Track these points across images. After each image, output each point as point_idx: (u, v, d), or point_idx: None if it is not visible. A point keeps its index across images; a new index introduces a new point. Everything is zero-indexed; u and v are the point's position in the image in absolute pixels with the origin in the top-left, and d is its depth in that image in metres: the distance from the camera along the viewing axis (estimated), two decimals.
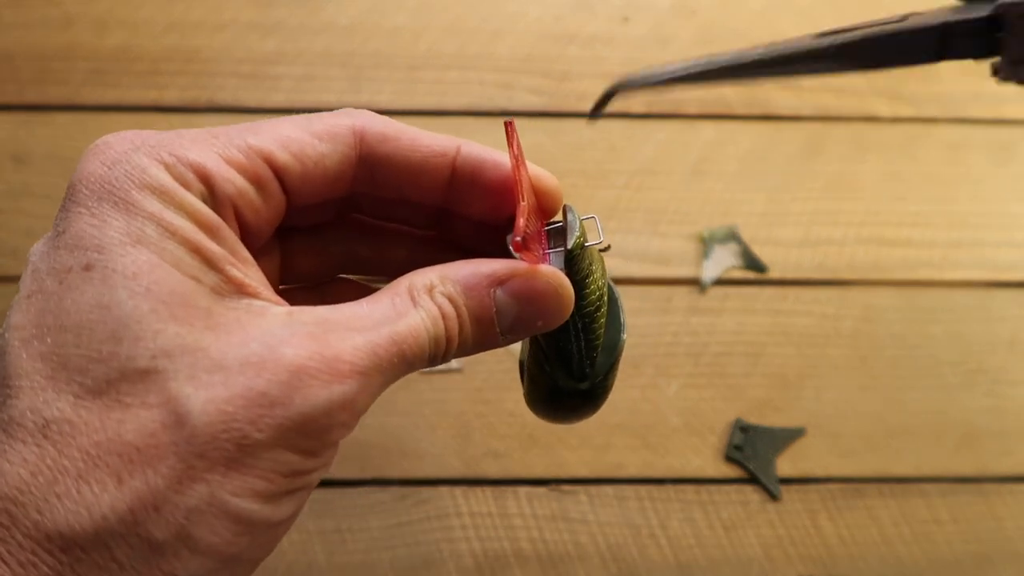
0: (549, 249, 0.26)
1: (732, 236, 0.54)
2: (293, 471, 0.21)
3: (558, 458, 0.49)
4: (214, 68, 0.57)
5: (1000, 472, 0.50)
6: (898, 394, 0.51)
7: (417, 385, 0.50)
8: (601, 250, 0.28)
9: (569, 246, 0.25)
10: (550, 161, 0.54)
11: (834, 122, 0.57)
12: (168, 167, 0.21)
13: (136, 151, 0.22)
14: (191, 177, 0.21)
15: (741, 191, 0.55)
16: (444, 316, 0.23)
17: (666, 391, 0.51)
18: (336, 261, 0.28)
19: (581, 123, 0.57)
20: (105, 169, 0.21)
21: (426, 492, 0.48)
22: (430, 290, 0.23)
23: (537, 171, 0.26)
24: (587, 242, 0.26)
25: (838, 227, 0.55)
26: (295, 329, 0.21)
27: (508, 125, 0.24)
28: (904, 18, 0.25)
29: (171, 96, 0.56)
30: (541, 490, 0.49)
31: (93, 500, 0.19)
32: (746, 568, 0.47)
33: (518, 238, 0.22)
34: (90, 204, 0.21)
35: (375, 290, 0.28)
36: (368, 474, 0.48)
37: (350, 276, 0.29)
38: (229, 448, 0.20)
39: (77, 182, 0.22)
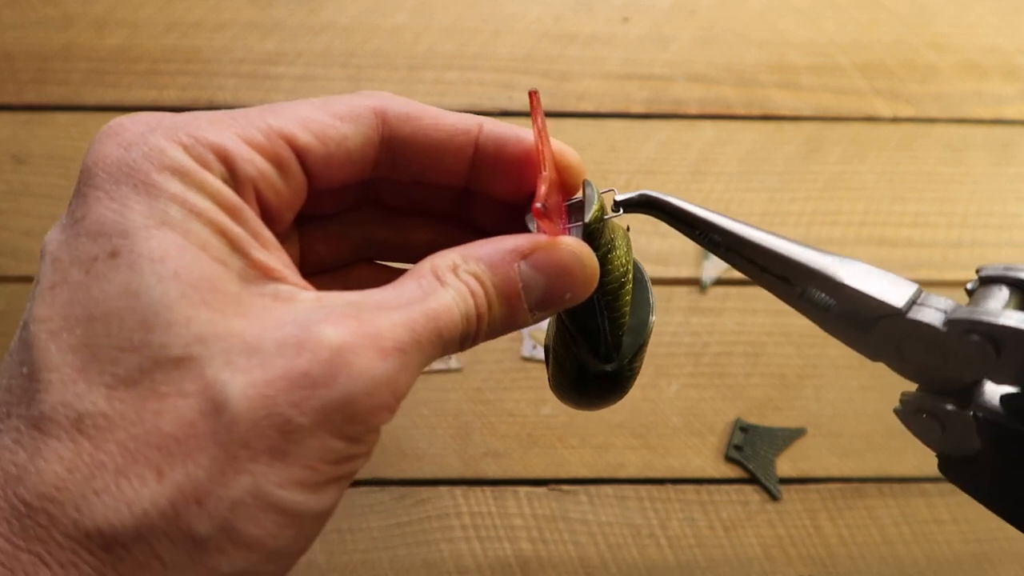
0: (570, 224, 0.25)
1: None
2: (337, 458, 0.20)
3: (558, 458, 0.49)
4: (214, 68, 0.57)
5: None
6: (898, 394, 0.51)
7: (416, 385, 0.50)
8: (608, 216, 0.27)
9: (587, 219, 0.25)
10: None
11: (834, 122, 0.57)
12: (187, 148, 0.20)
13: (153, 132, 0.21)
14: (211, 158, 0.21)
15: (741, 191, 0.55)
16: (472, 293, 0.22)
17: (666, 391, 0.51)
18: (355, 246, 0.28)
19: (581, 123, 0.57)
20: (122, 151, 0.20)
21: (426, 492, 0.48)
22: (454, 269, 0.22)
23: (559, 146, 0.25)
24: (606, 215, 0.25)
25: (838, 227, 0.55)
26: (329, 310, 0.20)
27: (533, 95, 0.24)
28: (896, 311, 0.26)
29: (171, 96, 0.56)
30: (541, 490, 0.49)
31: (133, 495, 0.18)
32: (746, 568, 0.47)
33: (539, 204, 0.22)
34: (108, 187, 0.20)
35: (397, 273, 0.28)
36: (367, 474, 0.48)
37: (370, 261, 0.29)
38: (272, 435, 0.19)
39: (93, 165, 0.20)
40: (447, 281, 0.22)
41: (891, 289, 0.25)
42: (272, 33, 0.58)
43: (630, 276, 0.27)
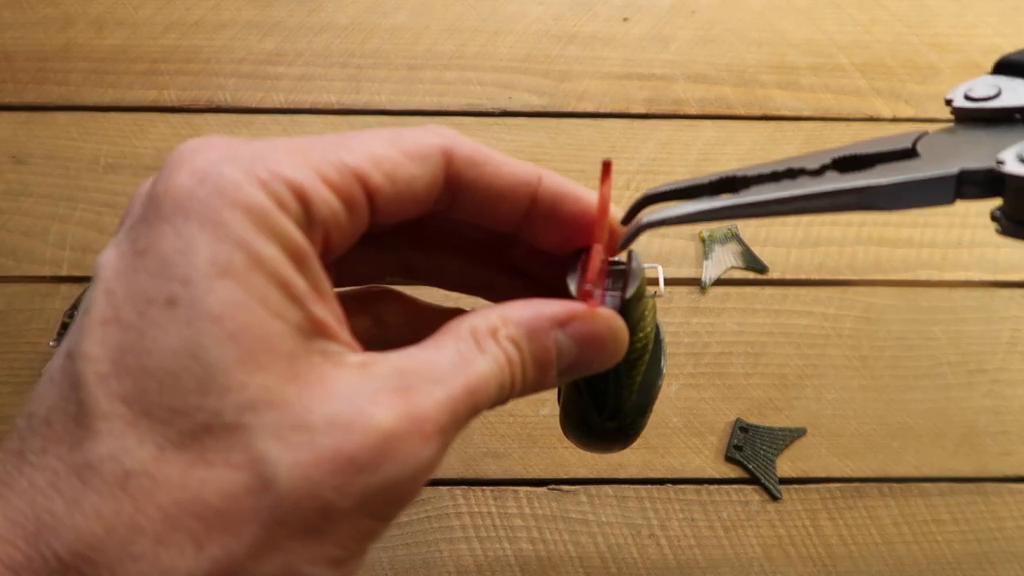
0: (608, 289, 0.25)
1: (732, 236, 0.54)
2: (367, 535, 0.20)
3: (558, 458, 0.49)
4: (214, 68, 0.57)
5: (1000, 472, 0.50)
6: (898, 394, 0.51)
7: None
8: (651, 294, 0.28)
9: (629, 295, 0.25)
10: (550, 161, 0.54)
11: (834, 122, 0.57)
12: (264, 184, 0.20)
13: (228, 163, 0.20)
14: (288, 196, 0.20)
15: None
16: (509, 362, 0.22)
17: (666, 391, 0.51)
18: (387, 267, 0.28)
19: (581, 123, 0.57)
20: (195, 182, 0.20)
21: (426, 492, 0.48)
22: (494, 333, 0.22)
23: (611, 210, 0.25)
24: (645, 292, 0.26)
25: (838, 227, 0.55)
26: (377, 384, 0.20)
27: (606, 165, 0.24)
28: (914, 145, 0.25)
29: (171, 96, 0.56)
30: (541, 490, 0.49)
31: (170, 566, 0.18)
32: (746, 568, 0.47)
33: (588, 286, 0.22)
34: (175, 221, 0.19)
35: (424, 308, 0.28)
36: None
37: (396, 288, 0.29)
38: (311, 516, 0.19)
39: (162, 194, 0.20)
40: (486, 348, 0.22)
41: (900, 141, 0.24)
42: (272, 33, 0.58)
43: (651, 347, 0.27)
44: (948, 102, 0.26)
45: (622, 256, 0.27)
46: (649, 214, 0.25)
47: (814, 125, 0.57)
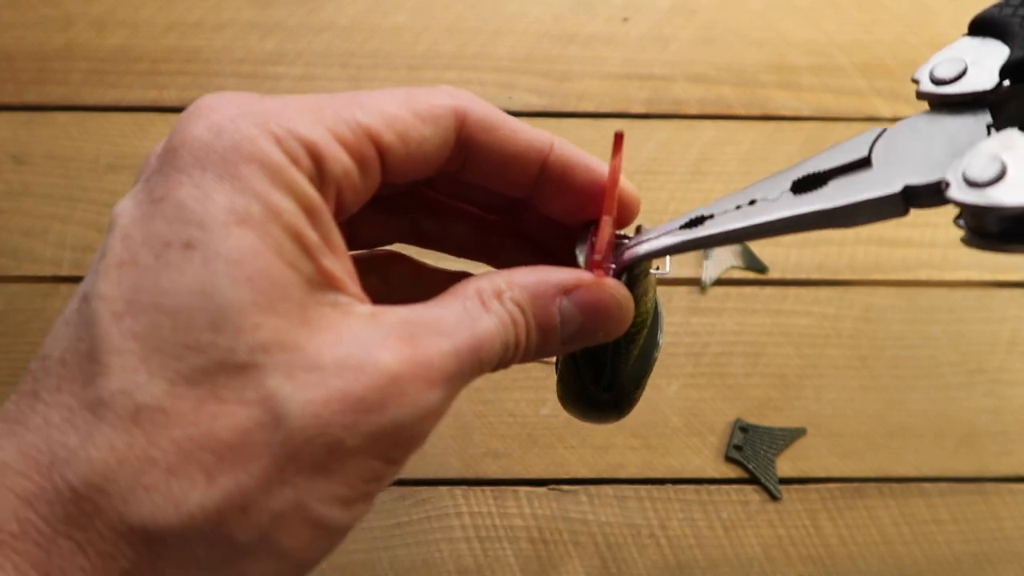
0: (614, 263, 0.26)
1: None
2: (374, 477, 0.20)
3: (558, 458, 0.49)
4: (214, 68, 0.57)
5: (1000, 472, 0.50)
6: (898, 394, 0.51)
7: None
8: (655, 270, 0.28)
9: (636, 270, 0.26)
10: None
11: (834, 122, 0.57)
12: (279, 140, 0.20)
13: (244, 118, 0.20)
14: (301, 153, 0.20)
15: None
16: (514, 322, 0.22)
17: (666, 391, 0.51)
18: (397, 231, 0.28)
19: (581, 123, 0.57)
20: (211, 136, 0.20)
21: (426, 492, 0.48)
22: (499, 295, 0.22)
23: (621, 182, 0.26)
24: (652, 268, 0.26)
25: None
26: (385, 332, 0.20)
27: (619, 137, 0.24)
28: (870, 151, 0.25)
29: (171, 96, 0.56)
30: (541, 490, 0.49)
31: (181, 496, 0.18)
32: (746, 568, 0.47)
33: (598, 256, 0.23)
34: (193, 172, 0.20)
35: (431, 272, 0.28)
36: None
37: (404, 254, 0.29)
38: (320, 453, 0.19)
39: (180, 146, 0.20)
40: (491, 308, 0.22)
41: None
42: (272, 33, 0.58)
43: (649, 321, 0.28)
44: (915, 82, 0.25)
45: (629, 231, 0.27)
46: (635, 247, 0.26)
47: (814, 125, 0.57)
